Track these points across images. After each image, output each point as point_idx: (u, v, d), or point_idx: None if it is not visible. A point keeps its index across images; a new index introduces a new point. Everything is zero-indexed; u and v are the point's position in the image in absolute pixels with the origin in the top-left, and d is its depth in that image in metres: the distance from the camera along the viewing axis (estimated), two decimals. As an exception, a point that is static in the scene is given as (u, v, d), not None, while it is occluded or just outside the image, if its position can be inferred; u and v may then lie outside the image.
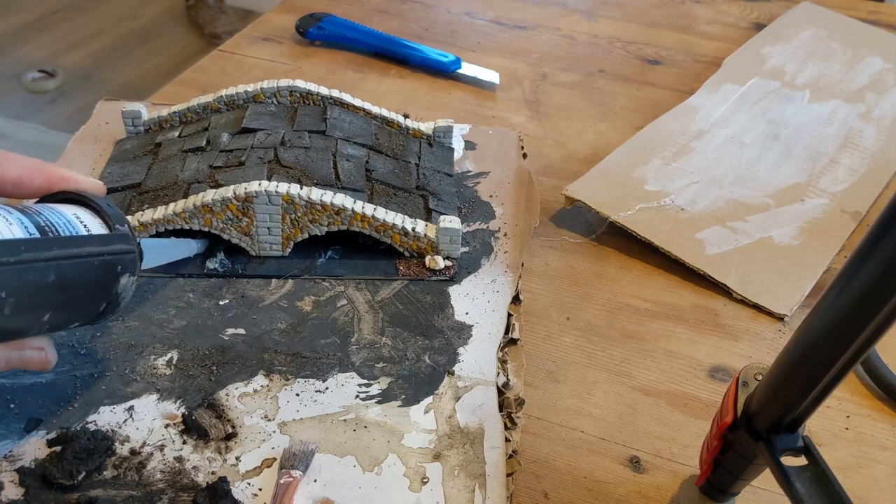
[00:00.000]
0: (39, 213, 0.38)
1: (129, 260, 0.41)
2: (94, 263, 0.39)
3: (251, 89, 0.61)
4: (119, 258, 0.40)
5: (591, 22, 0.90)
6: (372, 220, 0.52)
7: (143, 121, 0.63)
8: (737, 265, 0.55)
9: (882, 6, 0.95)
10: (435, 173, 0.60)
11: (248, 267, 0.53)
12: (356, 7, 0.90)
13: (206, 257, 0.54)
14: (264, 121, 0.59)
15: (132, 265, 0.41)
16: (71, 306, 0.39)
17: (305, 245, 0.54)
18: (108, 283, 0.40)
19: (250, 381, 0.46)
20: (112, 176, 0.58)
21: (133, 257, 0.41)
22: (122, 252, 0.40)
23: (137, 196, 0.55)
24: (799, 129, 0.70)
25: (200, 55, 0.82)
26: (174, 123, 0.63)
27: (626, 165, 0.63)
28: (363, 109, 0.62)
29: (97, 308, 0.40)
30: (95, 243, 0.39)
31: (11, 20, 2.43)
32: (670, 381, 0.48)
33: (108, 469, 0.41)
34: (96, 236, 0.39)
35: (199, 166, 0.56)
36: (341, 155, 0.57)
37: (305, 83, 0.61)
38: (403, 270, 0.54)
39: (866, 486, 0.43)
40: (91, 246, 0.39)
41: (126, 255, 0.40)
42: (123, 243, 0.40)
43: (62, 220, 0.39)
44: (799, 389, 0.33)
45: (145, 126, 0.63)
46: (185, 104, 0.62)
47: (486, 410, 0.45)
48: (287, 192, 0.51)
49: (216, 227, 0.52)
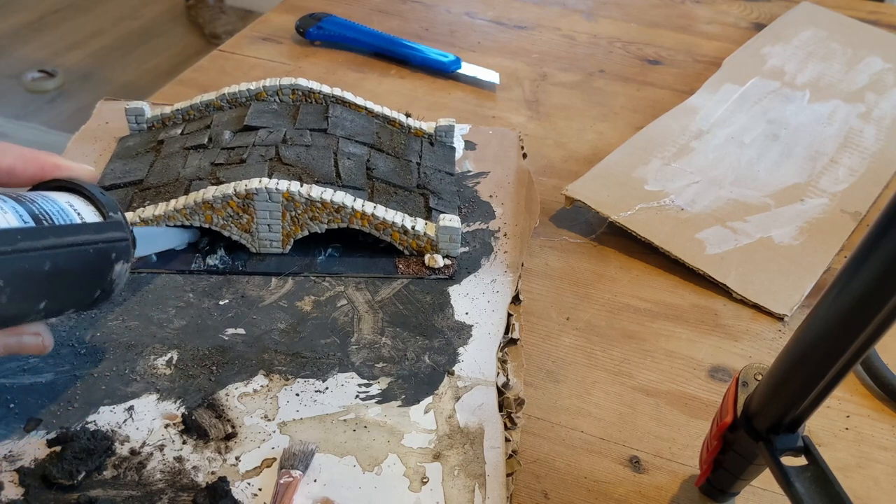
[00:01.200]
0: (34, 202, 0.38)
1: (123, 247, 0.41)
2: (89, 251, 0.39)
3: (254, 87, 0.61)
4: (113, 246, 0.41)
5: (591, 22, 0.90)
6: (372, 217, 0.52)
7: (146, 118, 0.63)
8: (737, 265, 0.55)
9: (882, 6, 0.95)
10: (436, 172, 0.60)
11: (248, 264, 0.53)
12: (356, 7, 0.90)
13: (206, 254, 0.54)
14: (266, 119, 0.59)
15: (126, 252, 0.42)
16: (66, 293, 0.39)
17: (305, 242, 0.54)
18: (103, 270, 0.40)
19: (250, 381, 0.46)
20: (115, 172, 0.58)
21: (127, 245, 0.42)
22: (116, 240, 0.41)
23: (139, 192, 0.55)
24: (799, 129, 0.70)
25: (200, 55, 0.82)
26: (177, 121, 0.63)
27: (626, 165, 0.63)
28: (365, 108, 0.62)
29: (92, 295, 0.41)
30: (90, 231, 0.39)
31: (11, 20, 2.43)
32: (670, 381, 0.48)
33: (107, 469, 0.41)
34: (91, 224, 0.40)
35: (201, 163, 0.56)
36: (342, 153, 0.57)
37: (308, 81, 0.61)
38: (403, 269, 0.54)
39: (866, 486, 0.43)
40: (86, 234, 0.39)
41: (120, 242, 0.41)
42: (117, 231, 0.41)
43: (56, 208, 0.39)
44: (799, 389, 0.33)
45: (148, 123, 0.63)
46: (188, 102, 0.63)
47: (486, 410, 0.45)
48: (287, 190, 0.51)
49: (217, 224, 0.52)
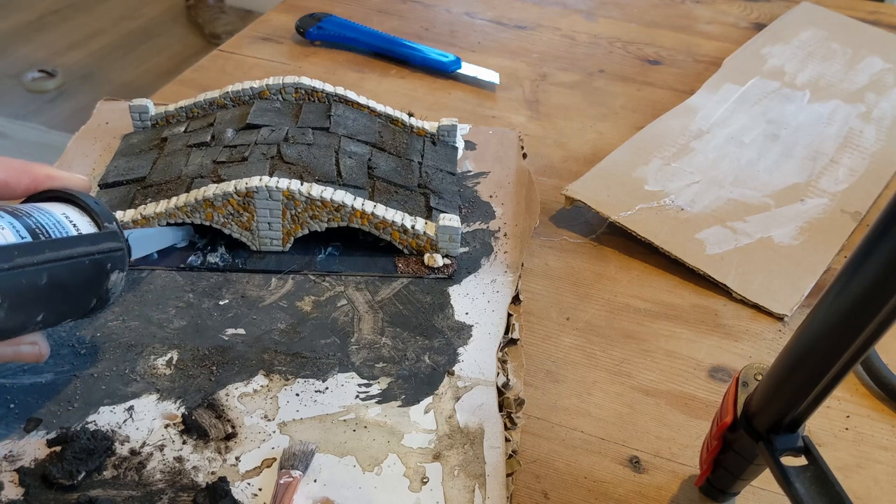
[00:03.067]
0: (30, 215, 0.38)
1: (118, 257, 0.42)
2: (85, 263, 0.39)
3: (257, 86, 0.61)
4: (109, 256, 0.41)
5: (591, 22, 0.90)
6: (371, 216, 0.52)
7: (150, 115, 0.63)
8: (737, 265, 0.55)
9: (882, 6, 0.95)
10: (437, 171, 0.60)
11: (248, 262, 0.53)
12: (356, 7, 0.90)
13: (207, 252, 0.54)
14: (269, 117, 0.59)
15: (122, 262, 0.42)
16: (63, 305, 0.39)
17: (305, 240, 0.54)
18: (100, 280, 0.41)
19: (250, 381, 0.46)
20: (118, 169, 0.58)
21: (122, 254, 0.42)
22: (111, 250, 0.41)
23: (142, 190, 0.56)
24: (799, 129, 0.70)
25: (200, 55, 0.82)
26: (180, 118, 0.63)
27: (626, 165, 0.63)
28: (368, 107, 0.62)
29: (88, 304, 0.41)
30: (86, 243, 0.40)
31: (11, 20, 2.43)
32: (670, 381, 0.48)
33: (107, 469, 0.41)
34: (87, 236, 0.40)
35: (203, 161, 0.56)
36: (344, 152, 0.57)
37: (311, 80, 0.61)
38: (402, 268, 0.54)
39: (866, 486, 0.43)
40: (82, 246, 0.39)
41: (115, 252, 0.41)
42: (113, 241, 0.41)
43: (52, 220, 0.39)
44: (799, 389, 0.33)
45: (152, 121, 0.63)
46: (191, 99, 0.63)
47: (486, 410, 0.45)
48: (287, 188, 0.51)
49: (217, 222, 0.52)
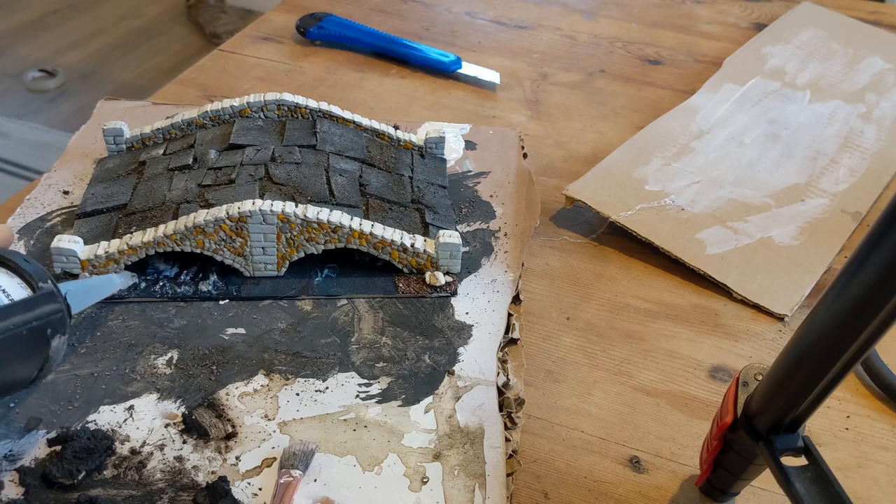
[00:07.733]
0: None
1: (58, 320, 0.38)
2: (22, 334, 0.35)
3: (237, 104, 0.59)
4: (48, 321, 0.37)
5: (592, 22, 0.90)
6: (370, 237, 0.51)
7: (125, 138, 0.60)
8: (737, 265, 0.55)
9: (882, 6, 0.95)
10: (429, 185, 0.59)
11: (242, 288, 0.51)
12: (356, 7, 0.90)
13: (198, 280, 0.52)
14: (252, 136, 0.57)
15: (62, 324, 0.38)
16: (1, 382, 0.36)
17: (300, 263, 0.52)
18: (39, 348, 0.37)
19: (250, 380, 0.46)
20: (96, 197, 0.55)
21: (62, 316, 0.38)
22: (50, 314, 0.37)
23: (124, 217, 0.53)
24: (799, 129, 0.70)
25: (201, 55, 0.82)
26: (158, 140, 0.60)
27: (627, 165, 0.63)
28: (353, 122, 0.60)
29: (30, 376, 0.38)
30: (20, 311, 0.36)
31: (11, 19, 2.43)
32: (670, 381, 0.48)
33: (108, 468, 0.41)
34: (20, 303, 0.36)
35: (188, 185, 0.54)
36: (334, 170, 0.55)
37: (293, 96, 0.59)
38: (404, 288, 0.52)
39: (866, 486, 0.43)
40: (16, 316, 0.35)
41: (55, 315, 0.37)
42: (50, 303, 0.37)
43: None
44: (799, 389, 0.33)
45: (127, 144, 0.60)
46: (168, 120, 0.60)
47: (486, 410, 0.45)
48: (282, 211, 0.49)
49: (209, 249, 0.50)
